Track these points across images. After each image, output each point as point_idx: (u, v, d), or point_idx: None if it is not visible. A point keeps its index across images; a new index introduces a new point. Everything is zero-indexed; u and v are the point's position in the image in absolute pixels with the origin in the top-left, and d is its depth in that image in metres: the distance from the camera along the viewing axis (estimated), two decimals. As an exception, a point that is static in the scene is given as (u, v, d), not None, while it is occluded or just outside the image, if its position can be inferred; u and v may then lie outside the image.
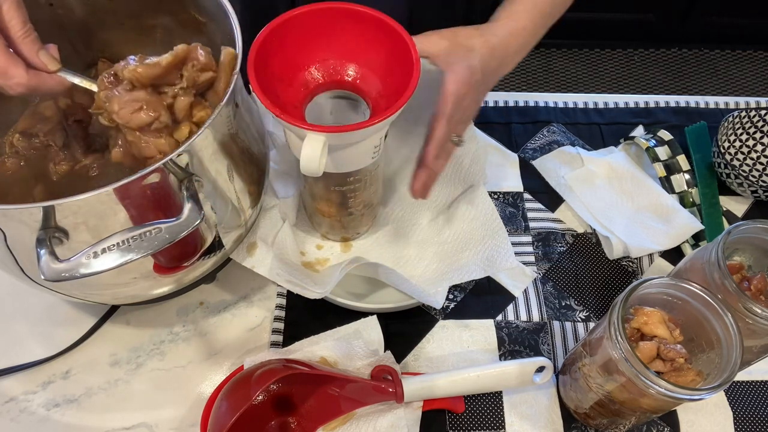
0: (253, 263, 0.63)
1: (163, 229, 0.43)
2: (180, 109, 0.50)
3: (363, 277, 0.67)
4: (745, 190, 0.75)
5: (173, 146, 0.50)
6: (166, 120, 0.50)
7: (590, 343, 0.54)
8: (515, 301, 0.68)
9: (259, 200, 0.61)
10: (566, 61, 2.14)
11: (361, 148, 0.52)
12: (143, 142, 0.49)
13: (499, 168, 0.79)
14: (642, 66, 2.13)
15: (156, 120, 0.49)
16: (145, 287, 0.56)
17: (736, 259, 0.59)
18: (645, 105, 0.87)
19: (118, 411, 0.60)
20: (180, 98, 0.50)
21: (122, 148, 0.51)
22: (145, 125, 0.49)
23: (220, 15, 0.53)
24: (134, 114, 0.48)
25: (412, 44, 0.50)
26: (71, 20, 0.59)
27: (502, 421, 0.60)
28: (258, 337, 0.65)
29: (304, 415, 0.58)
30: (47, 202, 0.41)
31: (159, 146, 0.50)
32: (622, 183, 0.77)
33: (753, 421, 0.62)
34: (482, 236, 0.67)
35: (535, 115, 0.85)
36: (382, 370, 0.58)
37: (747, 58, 2.17)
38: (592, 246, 0.73)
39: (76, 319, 0.64)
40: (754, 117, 0.78)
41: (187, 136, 0.51)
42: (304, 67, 0.54)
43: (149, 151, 0.50)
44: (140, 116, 0.48)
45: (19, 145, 0.59)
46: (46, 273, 0.42)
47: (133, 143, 0.50)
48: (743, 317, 0.51)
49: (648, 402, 0.49)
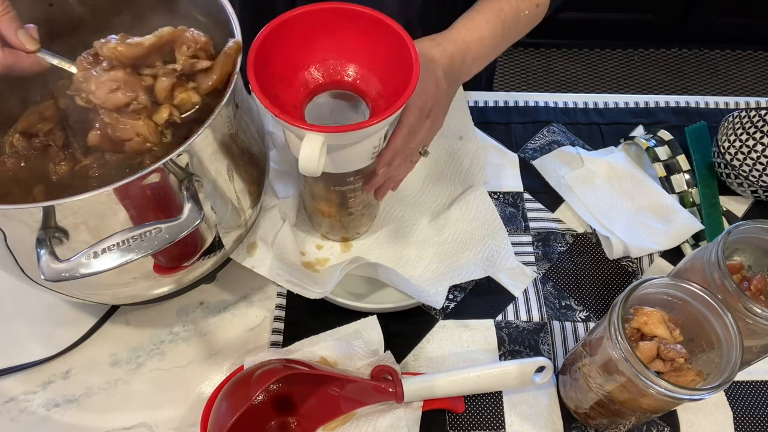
0: (253, 263, 0.63)
1: (163, 229, 0.43)
2: (160, 90, 0.48)
3: (363, 277, 0.67)
4: (745, 190, 0.75)
5: (152, 129, 0.49)
6: (144, 101, 0.48)
7: (590, 343, 0.54)
8: (515, 301, 0.68)
9: (259, 200, 0.61)
10: (566, 61, 2.14)
11: (360, 148, 0.52)
12: (121, 123, 0.48)
13: (499, 168, 0.79)
14: (642, 66, 2.13)
15: (134, 101, 0.47)
16: (145, 287, 0.56)
17: (736, 259, 0.59)
18: (645, 105, 0.87)
19: (118, 411, 0.60)
20: (161, 79, 0.48)
21: (99, 131, 0.49)
22: (122, 106, 0.47)
23: (220, 15, 0.53)
24: (111, 94, 0.47)
25: (412, 44, 0.50)
26: (71, 20, 0.59)
27: (502, 421, 0.60)
28: (258, 337, 0.65)
29: (304, 415, 0.58)
30: (47, 202, 0.42)
31: (137, 128, 0.48)
32: (622, 183, 0.77)
33: (753, 421, 0.62)
34: (482, 236, 0.67)
35: (535, 115, 0.85)
36: (382, 370, 0.58)
37: (747, 58, 2.17)
38: (592, 246, 0.73)
39: (76, 319, 0.64)
40: (754, 117, 0.78)
41: (166, 118, 0.49)
42: (304, 67, 0.54)
43: (127, 134, 0.48)
44: (117, 96, 0.47)
45: (19, 145, 0.59)
46: (46, 273, 0.42)
47: (110, 125, 0.48)
48: (743, 317, 0.51)
49: (648, 402, 0.49)
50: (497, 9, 0.62)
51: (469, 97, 0.85)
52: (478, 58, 0.63)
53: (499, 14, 0.62)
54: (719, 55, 2.17)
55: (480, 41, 0.62)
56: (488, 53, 0.64)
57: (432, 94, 0.55)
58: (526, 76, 2.10)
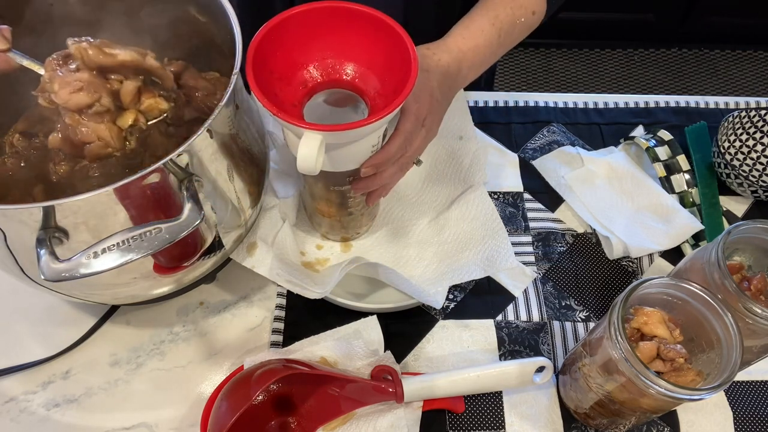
0: (253, 263, 0.63)
1: (163, 230, 0.43)
2: (125, 94, 0.47)
3: (363, 277, 0.67)
4: (745, 190, 0.75)
5: (116, 133, 0.48)
6: (107, 104, 0.46)
7: (590, 343, 0.54)
8: (515, 301, 0.68)
9: (259, 200, 0.61)
10: (566, 61, 2.14)
11: (359, 147, 0.52)
12: (82, 125, 0.47)
13: (499, 168, 0.79)
14: (642, 66, 2.13)
15: (96, 102, 0.46)
16: (145, 287, 0.56)
17: (736, 259, 0.59)
18: (645, 105, 0.87)
19: (118, 411, 0.60)
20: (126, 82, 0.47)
21: (60, 132, 0.48)
22: (84, 107, 0.46)
23: (220, 15, 0.53)
24: (73, 94, 0.46)
25: (410, 43, 0.50)
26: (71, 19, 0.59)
27: (502, 421, 0.60)
28: (258, 337, 0.65)
29: (304, 415, 0.58)
30: (47, 202, 0.41)
31: (99, 132, 0.47)
32: (622, 183, 0.77)
33: (753, 421, 0.62)
34: (482, 236, 0.67)
35: (535, 115, 0.85)
36: (382, 370, 0.58)
37: (747, 58, 2.17)
38: (592, 246, 0.73)
39: (76, 319, 0.64)
40: (754, 117, 0.78)
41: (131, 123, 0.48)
42: (303, 66, 0.54)
43: (88, 136, 0.47)
44: (79, 97, 0.46)
45: (19, 145, 0.59)
46: (45, 273, 0.42)
47: (71, 126, 0.47)
48: (743, 317, 0.51)
49: (648, 402, 0.49)
50: (493, 17, 0.63)
51: (469, 97, 0.85)
52: (474, 66, 0.63)
53: (495, 22, 0.62)
54: (719, 55, 2.17)
55: (475, 50, 0.62)
56: (484, 61, 0.64)
57: (426, 104, 0.56)
58: (526, 76, 2.10)
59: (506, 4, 0.63)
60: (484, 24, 0.62)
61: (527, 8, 0.65)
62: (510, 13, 0.63)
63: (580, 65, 2.13)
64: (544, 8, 0.66)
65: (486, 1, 0.64)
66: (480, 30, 0.62)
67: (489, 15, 0.63)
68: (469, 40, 0.61)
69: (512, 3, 0.64)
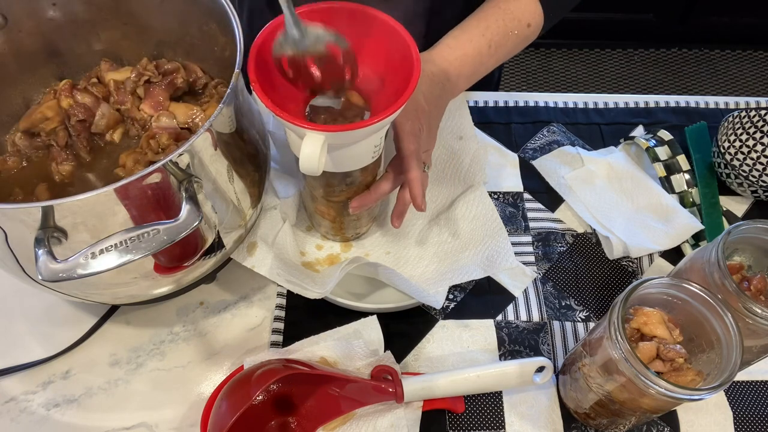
0: (254, 263, 0.63)
1: (162, 231, 0.43)
2: None
3: (363, 277, 0.67)
4: (745, 190, 0.75)
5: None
6: None
7: (590, 343, 0.54)
8: (515, 301, 0.68)
9: (260, 201, 0.61)
10: (566, 61, 2.14)
11: (361, 148, 0.52)
12: None
13: (499, 168, 0.79)
14: (642, 66, 2.13)
15: None
16: (145, 287, 0.56)
17: (736, 259, 0.59)
18: (645, 105, 0.87)
19: (118, 411, 0.60)
20: None
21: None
22: None
23: (221, 14, 0.53)
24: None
25: (413, 44, 0.50)
26: (73, 20, 0.59)
27: (502, 421, 0.60)
28: (258, 337, 0.65)
29: (304, 415, 0.58)
30: (46, 201, 0.41)
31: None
32: (622, 183, 0.77)
33: (753, 421, 0.62)
34: (482, 236, 0.67)
35: (535, 115, 0.84)
36: (382, 370, 0.58)
37: (747, 58, 2.17)
38: (592, 246, 0.73)
39: (76, 319, 0.64)
40: (754, 117, 0.78)
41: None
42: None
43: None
44: None
45: (21, 144, 0.59)
46: (43, 273, 0.42)
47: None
48: (743, 317, 0.51)
49: (648, 402, 0.49)
50: (483, 28, 0.63)
51: (469, 97, 0.85)
52: (462, 75, 0.63)
53: (485, 33, 0.63)
54: (719, 55, 2.17)
55: (462, 59, 0.62)
56: (473, 71, 0.64)
57: (418, 117, 0.56)
58: (526, 76, 2.10)
59: (498, 16, 0.64)
60: (473, 34, 0.63)
61: (521, 21, 0.65)
62: (502, 25, 0.64)
63: (580, 65, 2.13)
64: (541, 21, 0.67)
65: (479, 13, 0.65)
66: (468, 40, 0.63)
67: (480, 26, 0.63)
68: (456, 50, 0.62)
69: (505, 15, 0.64)
